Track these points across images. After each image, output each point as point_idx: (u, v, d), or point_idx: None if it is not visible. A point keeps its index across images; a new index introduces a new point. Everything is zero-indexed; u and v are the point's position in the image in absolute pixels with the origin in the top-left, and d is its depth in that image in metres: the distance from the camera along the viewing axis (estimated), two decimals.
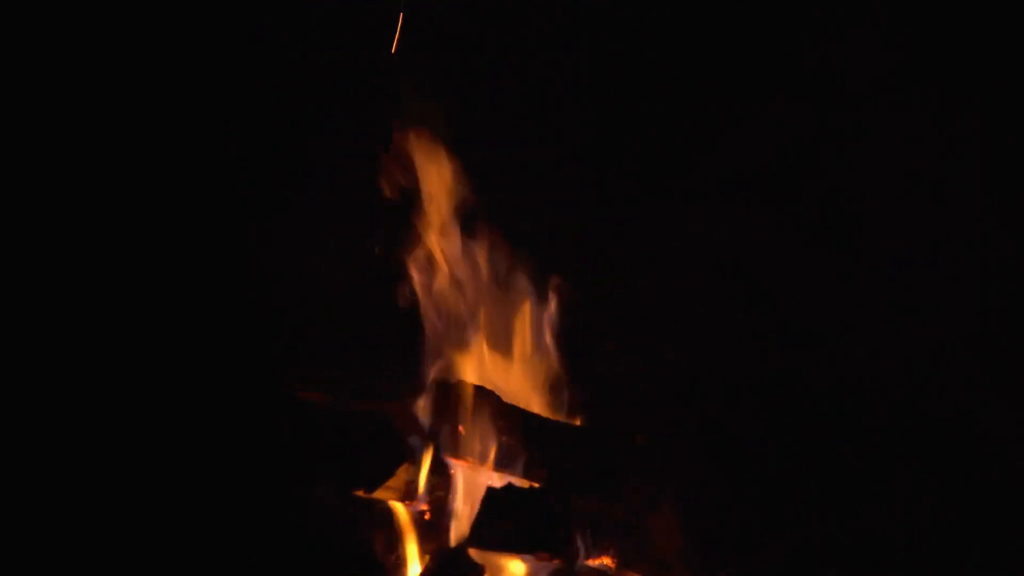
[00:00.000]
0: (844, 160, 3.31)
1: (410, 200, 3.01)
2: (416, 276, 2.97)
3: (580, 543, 2.59)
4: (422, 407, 2.77)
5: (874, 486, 2.88)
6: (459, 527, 2.72)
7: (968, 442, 2.97)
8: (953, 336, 3.10)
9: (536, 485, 2.71)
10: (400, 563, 2.67)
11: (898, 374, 3.09)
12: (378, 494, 2.72)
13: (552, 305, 3.04)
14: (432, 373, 2.87)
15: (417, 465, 2.75)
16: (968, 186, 3.18)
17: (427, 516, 2.75)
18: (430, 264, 2.99)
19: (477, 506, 2.62)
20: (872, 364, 3.12)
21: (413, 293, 2.96)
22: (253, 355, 3.04)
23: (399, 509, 2.75)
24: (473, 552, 2.57)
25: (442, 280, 2.98)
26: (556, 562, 2.57)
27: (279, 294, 3.17)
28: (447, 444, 2.75)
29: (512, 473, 2.73)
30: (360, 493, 2.70)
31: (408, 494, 2.76)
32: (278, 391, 2.84)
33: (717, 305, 3.27)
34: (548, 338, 3.02)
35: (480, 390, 2.80)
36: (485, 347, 2.97)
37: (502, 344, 2.98)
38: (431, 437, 2.75)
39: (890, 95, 3.26)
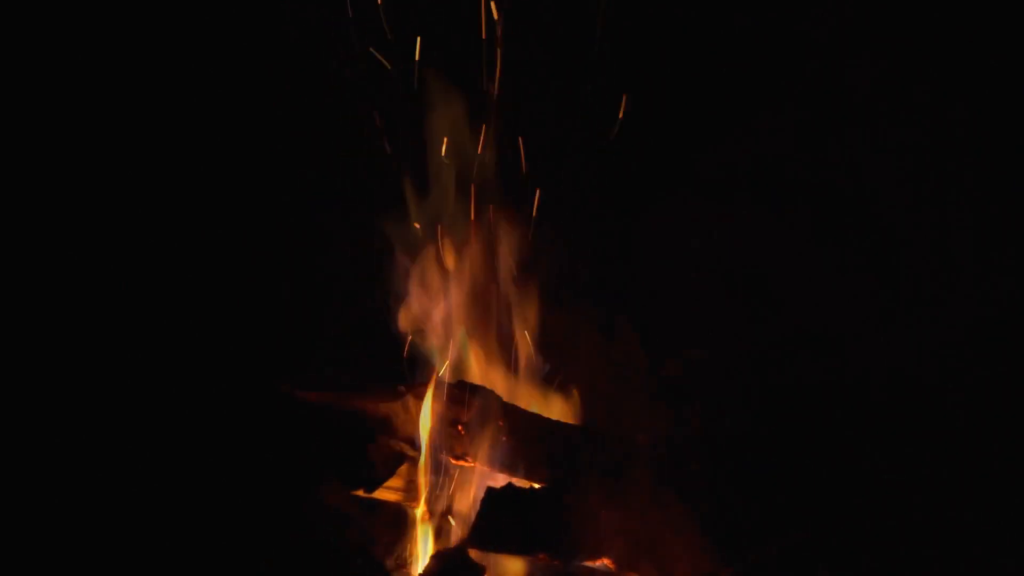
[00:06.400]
0: (847, 162, 3.31)
1: (411, 202, 3.01)
2: (417, 276, 2.97)
3: (580, 543, 2.58)
4: (422, 407, 2.76)
5: (874, 486, 2.88)
6: (459, 527, 2.72)
7: (965, 442, 2.96)
8: (951, 337, 3.10)
9: (536, 485, 2.71)
10: (401, 563, 2.67)
11: (898, 374, 3.09)
12: (378, 494, 2.72)
13: (553, 306, 3.04)
14: (432, 373, 2.87)
15: (417, 465, 2.75)
16: (968, 186, 3.18)
17: (427, 516, 2.75)
18: (431, 265, 2.99)
19: (477, 506, 2.61)
20: (872, 364, 3.12)
21: (414, 294, 2.97)
22: (254, 355, 3.05)
23: (399, 509, 2.75)
24: (473, 552, 2.57)
25: (443, 281, 2.98)
26: (556, 562, 2.57)
27: (280, 295, 3.18)
28: (447, 444, 2.75)
29: (512, 473, 2.72)
30: (360, 493, 2.70)
31: (408, 494, 2.77)
32: (278, 391, 2.84)
33: (718, 305, 3.27)
34: (549, 339, 3.02)
35: (480, 390, 2.80)
36: (486, 347, 2.97)
37: (503, 345, 2.98)
38: (431, 437, 2.75)
39: (890, 96, 3.26)
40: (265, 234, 3.24)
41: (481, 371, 2.93)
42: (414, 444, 2.75)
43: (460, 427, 2.73)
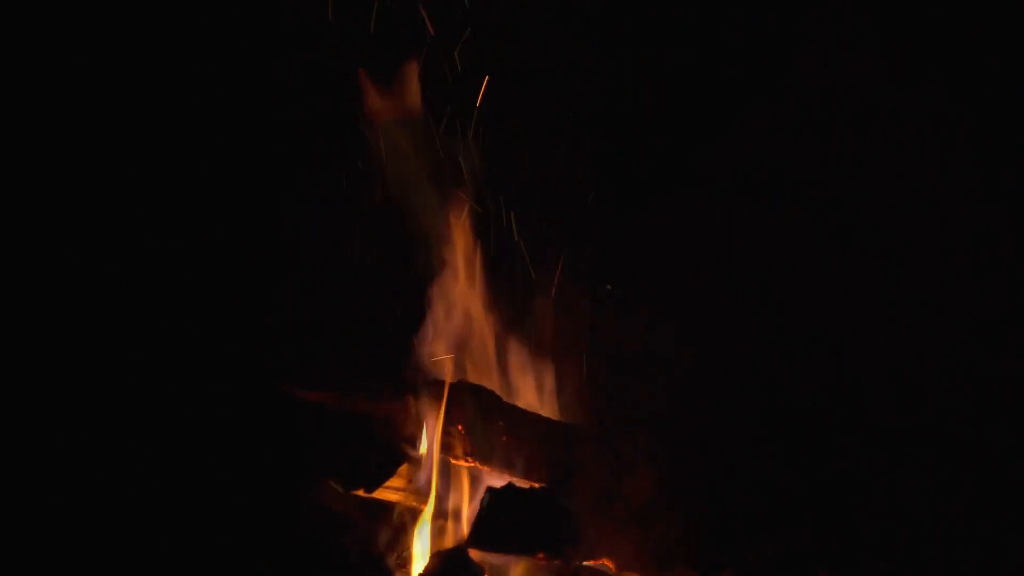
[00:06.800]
0: (847, 162, 3.31)
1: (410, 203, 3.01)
2: (416, 277, 2.97)
3: (580, 543, 2.58)
4: (422, 407, 2.76)
5: (874, 486, 2.88)
6: (459, 527, 2.72)
7: (965, 442, 2.97)
8: (951, 337, 3.10)
9: (536, 485, 2.71)
10: (400, 563, 2.67)
11: (898, 374, 3.09)
12: (378, 494, 2.72)
13: (553, 306, 3.04)
14: (432, 373, 2.87)
15: (417, 465, 2.75)
16: (968, 186, 3.18)
17: (428, 516, 2.75)
18: (431, 265, 2.99)
19: (477, 506, 2.61)
20: (872, 364, 3.12)
21: (414, 293, 2.96)
22: (254, 355, 3.04)
23: (399, 509, 2.75)
24: (473, 552, 2.57)
25: (443, 281, 2.98)
26: (556, 562, 2.57)
27: (279, 294, 3.18)
28: (447, 444, 2.74)
29: (512, 473, 2.72)
30: (360, 493, 2.70)
31: (408, 494, 2.76)
32: (278, 391, 2.84)
33: (717, 305, 3.27)
34: (549, 339, 3.02)
35: (481, 390, 2.80)
36: (486, 347, 2.97)
37: (503, 345, 2.98)
38: (431, 437, 2.75)
39: (890, 96, 3.26)
40: (265, 234, 3.24)
41: (481, 371, 2.93)
42: (414, 444, 2.75)
43: (460, 427, 2.73)
